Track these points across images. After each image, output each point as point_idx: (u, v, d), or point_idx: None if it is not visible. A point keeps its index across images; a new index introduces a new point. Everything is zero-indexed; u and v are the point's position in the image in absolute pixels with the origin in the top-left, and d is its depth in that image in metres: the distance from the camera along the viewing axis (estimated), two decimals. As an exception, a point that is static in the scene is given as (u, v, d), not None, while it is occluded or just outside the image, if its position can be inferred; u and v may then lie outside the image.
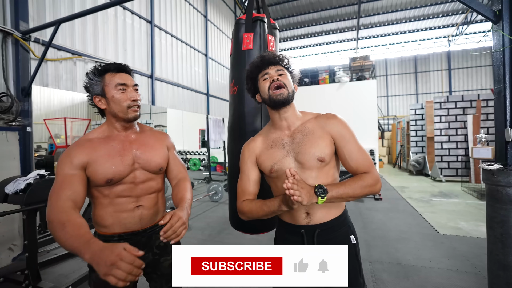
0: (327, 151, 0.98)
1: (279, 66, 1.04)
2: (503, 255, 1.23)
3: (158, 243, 1.13)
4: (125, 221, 1.05)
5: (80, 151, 0.99)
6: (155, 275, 1.13)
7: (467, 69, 15.77)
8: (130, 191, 1.05)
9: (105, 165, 0.99)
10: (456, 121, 7.14)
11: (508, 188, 1.22)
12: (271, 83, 1.00)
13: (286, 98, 0.98)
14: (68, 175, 0.95)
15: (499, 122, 1.31)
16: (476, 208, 4.50)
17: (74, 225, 0.83)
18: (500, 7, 1.23)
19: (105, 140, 1.05)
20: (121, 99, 1.02)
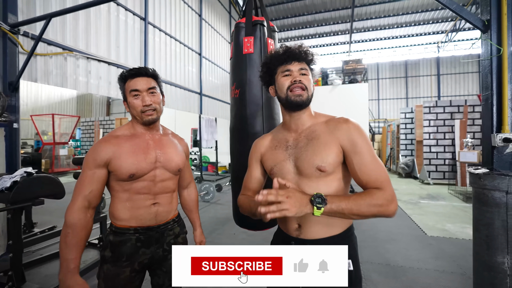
0: (330, 160, 0.87)
1: (303, 63, 0.94)
2: (488, 256, 1.27)
3: (169, 240, 1.17)
4: (141, 216, 1.10)
5: (106, 148, 1.05)
6: (160, 271, 1.17)
7: (455, 75, 16.24)
8: (149, 189, 1.10)
9: (128, 160, 1.05)
10: (444, 126, 7.34)
11: (494, 191, 1.26)
12: (292, 83, 0.91)
13: (304, 101, 0.91)
14: (90, 173, 1.03)
15: (486, 128, 1.36)
16: (462, 211, 4.63)
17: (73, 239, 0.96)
18: (489, 17, 1.28)
19: (130, 137, 1.11)
20: (134, 105, 1.08)
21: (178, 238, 1.21)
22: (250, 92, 1.52)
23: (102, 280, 1.07)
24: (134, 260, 1.08)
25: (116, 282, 1.05)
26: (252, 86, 1.53)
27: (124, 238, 1.07)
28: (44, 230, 3.58)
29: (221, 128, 9.66)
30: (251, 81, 1.53)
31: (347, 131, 0.88)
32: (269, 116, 1.55)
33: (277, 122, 1.60)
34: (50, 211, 4.53)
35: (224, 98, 9.81)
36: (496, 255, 1.25)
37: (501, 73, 1.26)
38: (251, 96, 1.52)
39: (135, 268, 1.08)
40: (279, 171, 0.95)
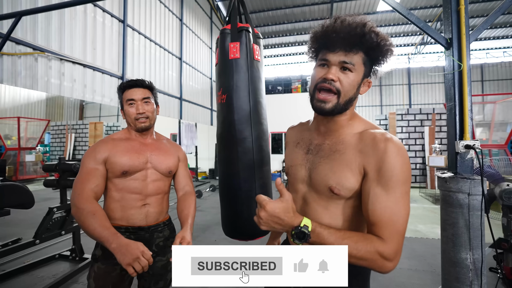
0: (347, 185, 0.70)
1: (350, 55, 0.69)
2: (454, 253, 1.38)
3: (157, 242, 1.21)
4: (132, 216, 1.15)
5: (104, 147, 1.14)
6: (146, 274, 1.19)
7: (424, 85, 17.41)
8: (141, 189, 1.16)
9: (122, 158, 1.14)
10: (415, 132, 7.81)
11: (458, 193, 1.38)
12: (321, 80, 0.70)
13: (327, 111, 0.71)
14: (92, 168, 1.10)
15: (451, 135, 1.48)
16: (432, 212, 4.93)
17: (102, 216, 1.00)
18: (451, 36, 1.42)
19: (125, 140, 1.21)
20: (129, 113, 1.18)
21: (167, 242, 1.24)
22: (237, 97, 1.50)
23: (93, 280, 1.10)
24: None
25: (108, 280, 1.08)
26: (239, 91, 1.51)
27: None
28: (7, 243, 3.31)
29: (201, 134, 9.55)
30: (238, 86, 1.51)
31: (378, 153, 0.66)
32: (257, 121, 1.53)
33: (265, 127, 1.58)
34: (15, 222, 4.19)
35: (204, 103, 9.75)
36: (461, 252, 1.36)
37: (462, 86, 1.40)
38: (238, 101, 1.50)
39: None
40: (293, 174, 0.84)
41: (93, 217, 0.98)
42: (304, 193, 0.80)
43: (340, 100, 0.70)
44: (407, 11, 1.51)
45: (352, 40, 0.67)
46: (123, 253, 0.91)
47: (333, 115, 0.73)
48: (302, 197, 0.81)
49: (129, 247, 0.93)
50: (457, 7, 1.43)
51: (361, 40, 0.67)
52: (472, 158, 1.41)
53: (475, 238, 1.36)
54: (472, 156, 1.41)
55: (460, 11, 1.41)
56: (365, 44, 0.68)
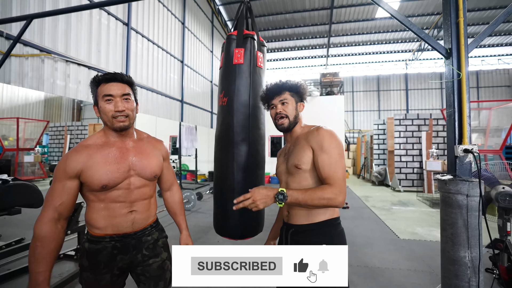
0: (303, 160, 1.09)
1: (283, 94, 1.19)
2: (453, 252, 1.45)
3: (147, 245, 1.16)
4: (118, 224, 1.08)
5: (76, 159, 1.02)
6: (144, 277, 1.15)
7: (422, 91, 17.65)
8: (125, 197, 1.08)
9: (100, 171, 1.02)
10: (413, 137, 7.94)
11: (457, 195, 1.45)
12: (275, 114, 1.20)
13: (286, 127, 1.19)
14: (60, 185, 1.01)
15: (450, 140, 1.56)
16: (429, 215, 5.02)
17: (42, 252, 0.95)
18: (451, 46, 1.50)
19: (102, 146, 1.08)
20: (106, 110, 1.04)
21: (158, 243, 1.20)
22: (238, 101, 1.54)
23: (85, 285, 1.08)
24: (112, 266, 1.07)
25: (99, 287, 1.06)
26: (240, 94, 1.54)
27: (100, 246, 1.06)
28: (11, 243, 3.33)
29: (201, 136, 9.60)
30: (239, 90, 1.55)
31: (316, 136, 1.08)
32: (255, 126, 1.56)
33: (262, 132, 1.62)
34: (15, 222, 4.20)
35: (205, 106, 9.82)
36: (459, 250, 1.43)
37: (461, 94, 1.48)
38: (239, 105, 1.53)
39: (115, 273, 1.09)
40: (278, 172, 1.26)
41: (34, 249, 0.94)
42: (285, 179, 1.19)
43: (290, 119, 1.19)
44: (409, 21, 1.60)
45: (278, 90, 1.20)
46: None
47: (290, 130, 1.21)
48: (285, 182, 1.20)
49: None
50: (456, 20, 1.52)
51: (283, 86, 1.20)
52: (470, 161, 1.49)
53: (473, 237, 1.43)
54: (470, 160, 1.49)
55: (459, 23, 1.50)
56: (284, 88, 1.20)
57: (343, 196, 0.99)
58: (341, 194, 0.99)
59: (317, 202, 0.97)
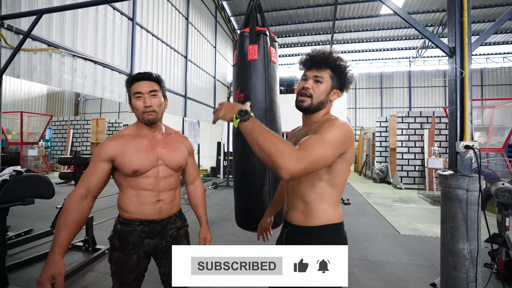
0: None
1: (322, 70, 0.99)
2: (452, 244, 1.51)
3: (171, 233, 1.27)
4: (146, 212, 1.19)
5: (112, 145, 1.15)
6: (165, 261, 1.27)
7: (425, 88, 17.57)
8: (154, 186, 1.19)
9: (132, 158, 1.14)
10: (415, 134, 7.95)
11: (457, 189, 1.51)
12: (300, 88, 1.00)
13: (305, 108, 1.00)
14: (94, 166, 1.13)
15: (452, 136, 1.61)
16: (429, 212, 5.08)
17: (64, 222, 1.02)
18: (454, 45, 1.54)
19: (135, 137, 1.21)
20: (137, 106, 1.18)
21: (180, 231, 1.30)
22: (254, 96, 1.58)
23: (114, 264, 1.19)
24: (140, 249, 1.19)
25: (126, 266, 1.17)
26: (256, 90, 1.59)
27: (131, 228, 1.18)
28: (20, 234, 3.42)
29: (203, 132, 9.65)
30: (256, 86, 1.60)
31: (320, 126, 0.93)
32: (272, 120, 1.62)
33: (279, 125, 1.68)
34: (21, 214, 4.30)
35: (208, 102, 9.85)
36: (458, 243, 1.49)
37: (463, 92, 1.53)
38: (255, 100, 1.58)
39: (141, 255, 1.20)
40: None
41: (59, 219, 1.03)
42: None
43: (312, 101, 0.99)
44: (413, 19, 1.64)
45: (321, 61, 0.99)
46: (45, 270, 0.94)
47: (310, 113, 1.02)
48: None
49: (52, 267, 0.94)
50: (461, 19, 1.56)
51: (328, 61, 0.98)
52: (471, 157, 1.54)
53: (472, 230, 1.49)
54: (471, 156, 1.54)
55: (463, 23, 1.53)
56: (330, 63, 0.98)
57: (297, 167, 0.76)
58: (298, 164, 0.76)
59: (267, 144, 0.78)
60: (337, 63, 0.99)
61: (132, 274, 1.18)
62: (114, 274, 1.19)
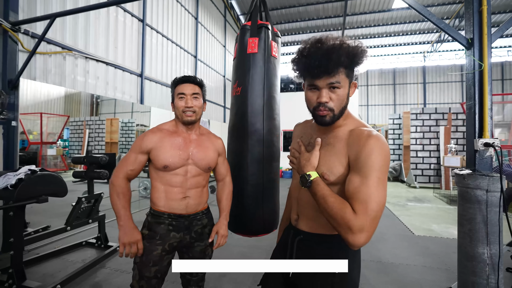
0: (335, 171, 0.81)
1: (336, 75, 0.78)
2: (471, 248, 1.43)
3: (196, 229, 1.32)
4: (173, 206, 1.27)
5: (150, 138, 1.26)
6: (187, 256, 1.33)
7: (440, 84, 16.96)
8: (181, 183, 1.26)
9: (165, 153, 1.24)
10: (430, 132, 7.68)
11: (476, 190, 1.42)
12: (317, 104, 0.82)
13: (328, 122, 0.84)
14: (133, 155, 1.26)
15: (470, 134, 1.52)
16: (446, 212, 4.89)
17: (126, 197, 1.22)
18: (472, 36, 1.45)
19: (172, 133, 1.30)
20: (178, 106, 1.27)
21: (205, 229, 1.35)
22: (252, 90, 1.51)
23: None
24: (165, 241, 1.25)
25: (149, 257, 1.22)
26: (254, 84, 1.51)
27: (159, 220, 1.26)
28: (38, 230, 3.54)
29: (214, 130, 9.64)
30: (254, 80, 1.52)
31: (360, 145, 0.77)
32: (270, 116, 1.53)
33: (277, 122, 1.60)
34: (39, 211, 4.46)
35: (218, 101, 9.89)
36: (478, 247, 1.41)
37: (482, 86, 1.43)
38: (253, 94, 1.51)
39: (166, 248, 1.25)
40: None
41: (118, 195, 1.20)
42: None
43: (334, 113, 0.82)
44: (427, 11, 1.55)
45: (331, 64, 0.77)
46: (126, 233, 1.17)
47: (331, 125, 0.86)
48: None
49: (133, 232, 1.19)
50: (479, 8, 1.46)
51: (339, 60, 0.77)
52: (491, 155, 1.45)
53: (493, 233, 1.40)
54: (491, 154, 1.45)
55: (482, 12, 1.44)
56: (344, 62, 0.78)
57: (364, 237, 0.70)
58: (362, 232, 0.69)
59: (334, 211, 0.72)
60: (348, 53, 0.78)
61: (153, 267, 1.22)
62: (136, 265, 1.24)
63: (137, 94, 5.43)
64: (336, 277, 0.84)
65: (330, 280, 0.84)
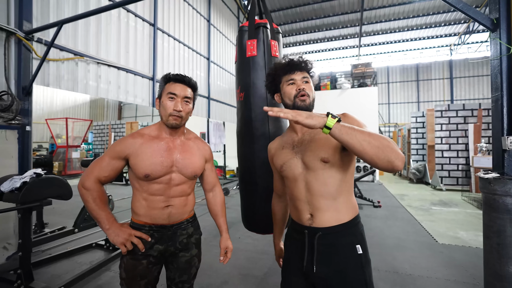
0: (331, 151, 0.95)
1: (304, 72, 1.06)
2: (499, 265, 1.21)
3: (181, 239, 1.23)
4: (155, 216, 1.17)
5: (128, 143, 1.15)
6: (172, 266, 1.25)
7: (469, 78, 15.81)
8: (164, 191, 1.17)
9: (146, 162, 1.12)
10: (457, 130, 7.12)
11: (505, 197, 1.20)
12: (297, 91, 1.03)
13: (307, 106, 1.02)
14: (108, 160, 1.14)
15: (496, 130, 1.30)
16: (476, 218, 4.45)
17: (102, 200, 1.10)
18: (498, 16, 1.23)
19: (154, 138, 1.18)
20: (166, 106, 1.14)
21: (191, 239, 1.26)
22: (254, 95, 1.52)
23: (124, 270, 1.16)
24: (149, 254, 1.16)
25: (135, 272, 1.14)
26: (256, 89, 1.52)
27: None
28: (54, 231, 3.66)
29: (229, 132, 9.70)
30: (255, 84, 1.52)
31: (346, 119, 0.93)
32: (275, 119, 1.53)
33: (283, 124, 1.59)
34: (59, 212, 4.64)
35: (231, 102, 9.88)
36: (508, 265, 1.18)
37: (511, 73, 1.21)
38: (256, 99, 1.52)
39: (151, 260, 1.16)
40: (288, 168, 1.05)
41: (95, 200, 1.09)
42: (303, 176, 1.01)
43: (310, 99, 1.04)
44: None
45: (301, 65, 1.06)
46: (117, 234, 1.07)
47: (310, 111, 1.00)
48: (303, 180, 1.01)
49: (122, 229, 1.08)
50: (506, -17, 1.24)
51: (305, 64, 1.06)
52: (524, 156, 1.22)
53: (527, 249, 1.17)
54: (524, 154, 1.22)
55: (509, -13, 1.22)
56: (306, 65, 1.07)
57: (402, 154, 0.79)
58: (399, 150, 0.79)
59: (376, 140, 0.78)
60: (311, 66, 1.08)
61: (142, 281, 1.15)
62: (123, 281, 1.16)
63: (149, 98, 5.51)
64: (362, 257, 0.96)
65: (359, 262, 0.95)
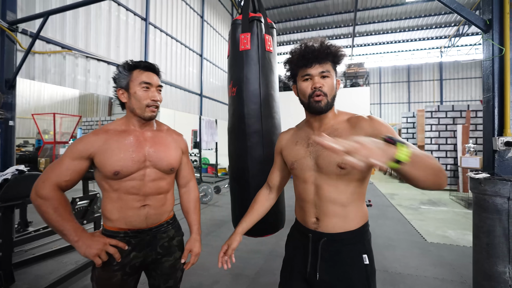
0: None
1: (324, 64, 0.90)
2: (488, 265, 1.22)
3: (162, 243, 1.13)
4: (131, 218, 1.05)
5: (91, 141, 1.01)
6: (155, 273, 1.14)
7: (458, 80, 16.18)
8: (138, 189, 1.05)
9: (113, 158, 1.00)
10: (446, 131, 7.26)
11: (495, 197, 1.21)
12: (312, 90, 0.90)
13: (323, 108, 0.90)
14: (66, 162, 0.99)
15: (487, 131, 1.31)
16: (463, 217, 4.55)
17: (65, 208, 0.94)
18: (491, 17, 1.23)
19: (120, 133, 1.07)
20: (142, 97, 1.04)
21: (172, 241, 1.16)
22: (247, 90, 1.46)
23: (96, 283, 1.04)
24: (125, 264, 1.03)
25: (109, 286, 1.02)
26: (249, 83, 1.47)
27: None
28: (39, 229, 3.54)
29: (221, 130, 9.63)
30: (248, 79, 1.47)
31: (371, 126, 0.85)
32: (268, 115, 1.48)
33: (277, 121, 1.54)
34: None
35: (224, 100, 9.81)
36: (497, 264, 1.19)
37: (503, 74, 1.21)
38: (249, 94, 1.46)
39: (127, 271, 1.04)
40: (299, 166, 0.97)
41: (56, 210, 0.92)
42: (314, 179, 0.93)
43: (328, 99, 0.91)
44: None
45: (321, 55, 0.89)
46: (89, 245, 0.92)
47: (326, 112, 0.92)
48: (313, 183, 0.94)
49: (94, 239, 0.94)
50: (499, -16, 1.25)
51: (327, 52, 0.90)
52: (514, 157, 1.23)
53: (515, 249, 1.18)
54: (514, 155, 1.23)
55: (502, -12, 1.22)
56: (329, 53, 0.90)
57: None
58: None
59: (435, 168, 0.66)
60: (334, 51, 0.91)
61: None
62: None
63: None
64: (368, 267, 0.90)
65: (365, 272, 0.89)
